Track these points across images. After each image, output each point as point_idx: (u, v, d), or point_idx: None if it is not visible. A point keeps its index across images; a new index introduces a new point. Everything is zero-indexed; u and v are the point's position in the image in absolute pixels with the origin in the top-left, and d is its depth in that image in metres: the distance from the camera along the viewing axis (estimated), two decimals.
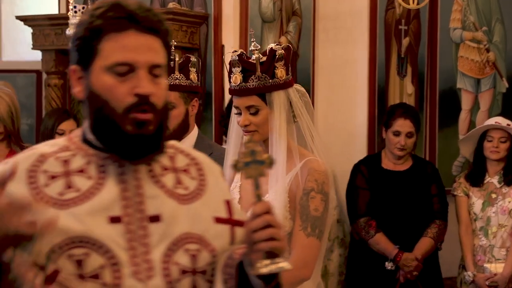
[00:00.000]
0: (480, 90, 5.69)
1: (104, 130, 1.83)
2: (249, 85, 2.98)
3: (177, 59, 3.54)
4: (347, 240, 5.04)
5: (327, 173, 3.02)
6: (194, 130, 3.64)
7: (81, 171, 1.85)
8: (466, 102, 5.65)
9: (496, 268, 4.73)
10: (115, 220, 1.82)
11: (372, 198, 4.80)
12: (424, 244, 4.74)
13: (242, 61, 3.01)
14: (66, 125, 4.77)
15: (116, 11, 1.83)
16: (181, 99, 3.56)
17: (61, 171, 1.84)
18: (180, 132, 3.58)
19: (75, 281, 1.77)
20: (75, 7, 5.18)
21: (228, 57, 3.08)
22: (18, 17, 5.70)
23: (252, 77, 2.98)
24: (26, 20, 5.63)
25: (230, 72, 3.04)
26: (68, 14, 5.22)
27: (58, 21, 5.43)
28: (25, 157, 1.86)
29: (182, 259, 1.85)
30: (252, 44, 3.05)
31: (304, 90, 3.15)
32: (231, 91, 3.05)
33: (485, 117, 5.59)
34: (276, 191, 2.95)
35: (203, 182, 1.97)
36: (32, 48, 5.67)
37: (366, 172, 4.86)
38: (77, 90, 1.87)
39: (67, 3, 5.53)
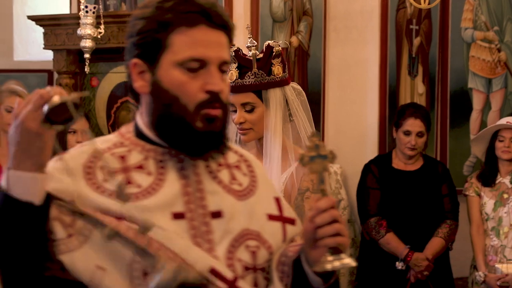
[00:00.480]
0: (492, 90, 5.67)
1: (170, 126, 1.79)
2: (245, 82, 2.92)
3: None
4: (357, 240, 5.03)
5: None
6: None
7: (139, 167, 1.81)
8: (477, 102, 5.64)
9: (508, 268, 4.71)
10: (178, 216, 1.79)
11: (382, 198, 4.79)
12: (435, 244, 4.73)
13: (238, 57, 2.95)
14: (77, 124, 4.77)
15: (187, 5, 1.78)
16: None
17: (118, 167, 1.80)
18: None
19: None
20: (86, 6, 5.19)
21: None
22: (29, 17, 5.72)
23: (249, 73, 2.92)
24: (37, 20, 5.65)
25: None
26: (79, 14, 5.23)
27: (70, 21, 5.45)
28: (78, 153, 1.82)
29: (244, 255, 1.83)
30: (249, 40, 3.00)
31: (301, 89, 3.10)
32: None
33: (496, 117, 5.58)
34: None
35: (254, 178, 1.95)
36: (44, 48, 5.69)
37: (377, 172, 4.86)
38: (140, 84, 1.81)
39: (78, 3, 5.54)
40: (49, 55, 5.80)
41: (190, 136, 1.78)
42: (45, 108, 1.62)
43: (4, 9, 6.57)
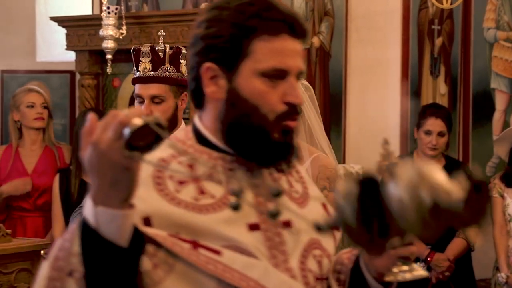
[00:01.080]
0: None
1: (246, 135, 1.70)
2: None
3: (167, 50, 3.41)
4: None
5: (337, 170, 2.93)
6: (181, 126, 3.46)
7: (209, 176, 1.72)
8: (500, 102, 5.60)
9: None
10: (254, 227, 1.71)
11: None
12: (456, 244, 4.71)
13: None
14: None
15: (273, 13, 1.70)
16: (171, 93, 3.39)
17: (188, 177, 1.71)
18: (169, 128, 3.39)
19: None
20: (108, 7, 5.22)
21: None
22: (52, 18, 5.76)
23: None
24: (60, 21, 5.69)
25: None
26: (101, 15, 5.26)
27: (92, 22, 5.48)
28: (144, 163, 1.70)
29: (313, 266, 1.77)
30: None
31: (308, 84, 3.02)
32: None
33: None
34: None
35: (305, 184, 1.89)
36: (66, 49, 5.73)
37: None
38: (212, 90, 1.72)
39: (101, 4, 5.58)
40: (71, 56, 5.84)
41: (266, 146, 1.70)
42: (126, 132, 1.44)
43: (27, 11, 6.61)
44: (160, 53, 3.38)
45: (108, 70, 5.30)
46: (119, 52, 5.29)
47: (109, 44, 5.22)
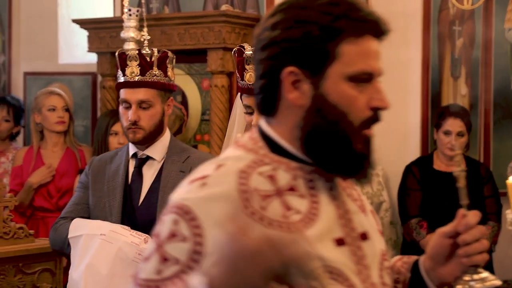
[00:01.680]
0: None
1: (328, 144, 1.59)
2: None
3: (155, 54, 3.33)
4: (399, 242, 5.02)
5: None
6: (167, 132, 3.38)
7: (291, 188, 1.59)
8: None
9: None
10: (340, 242, 1.60)
11: (423, 199, 4.77)
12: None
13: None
14: (119, 126, 4.83)
15: (360, 13, 1.60)
16: (158, 98, 3.29)
17: (271, 190, 1.57)
18: (155, 134, 3.31)
19: None
20: (129, 10, 5.25)
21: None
22: (74, 21, 5.80)
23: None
24: (82, 23, 5.73)
25: (242, 69, 2.85)
26: (123, 17, 5.30)
27: (113, 24, 5.52)
28: (221, 175, 1.57)
29: (387, 279, 1.70)
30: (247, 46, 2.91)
31: None
32: (244, 90, 2.89)
33: None
34: None
35: (357, 191, 1.79)
36: (88, 51, 5.76)
37: (418, 173, 4.85)
38: (295, 96, 1.59)
39: (122, 6, 5.61)
40: (93, 58, 5.88)
41: (349, 157, 1.60)
42: None
43: (49, 13, 6.66)
44: (147, 57, 3.30)
45: None
46: None
47: (130, 46, 5.25)
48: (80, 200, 3.34)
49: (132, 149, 3.34)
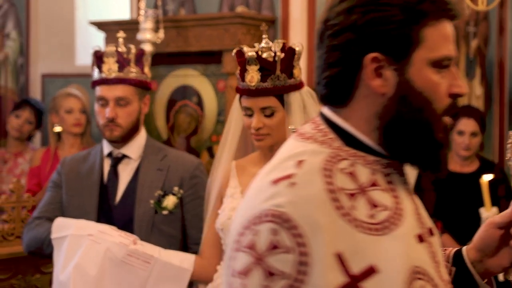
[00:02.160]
0: None
1: (411, 134, 1.51)
2: (267, 85, 2.76)
3: (133, 51, 3.27)
4: None
5: None
6: (142, 130, 3.34)
7: (373, 184, 1.50)
8: None
9: None
10: (420, 239, 1.52)
11: (438, 200, 4.78)
12: None
13: (261, 59, 2.77)
14: None
15: None
16: (136, 95, 3.24)
17: (355, 188, 1.47)
18: (132, 132, 3.27)
19: None
20: (146, 12, 5.29)
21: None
22: (91, 23, 5.85)
23: (272, 76, 2.76)
24: (99, 25, 5.77)
25: (243, 70, 2.79)
26: (139, 19, 5.34)
27: (130, 25, 5.55)
28: (308, 174, 1.45)
29: (446, 274, 1.62)
30: (264, 41, 2.85)
31: (312, 91, 2.91)
32: (245, 91, 2.80)
33: None
34: None
35: None
36: None
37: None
38: (378, 83, 1.49)
39: (138, 8, 5.65)
40: None
41: (429, 147, 1.52)
42: None
43: (67, 15, 6.71)
44: (123, 54, 3.25)
45: None
46: (156, 55, 5.36)
47: (146, 48, 5.29)
48: (54, 199, 3.29)
49: (107, 148, 3.29)
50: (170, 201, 3.17)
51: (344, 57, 1.50)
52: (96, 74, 3.25)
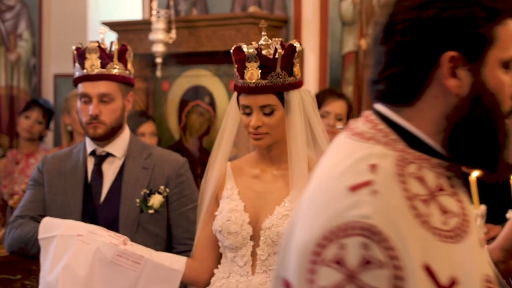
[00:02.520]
0: None
1: (478, 136, 1.46)
2: (267, 82, 2.69)
3: (115, 46, 3.19)
4: None
5: None
6: (126, 128, 3.25)
7: (440, 188, 1.44)
8: None
9: None
10: (482, 243, 1.49)
11: None
12: None
13: (261, 55, 2.71)
14: (145, 127, 4.88)
15: None
16: (119, 92, 3.16)
17: (426, 193, 1.42)
18: (116, 129, 3.18)
19: None
20: (158, 12, 5.29)
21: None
22: (103, 23, 5.85)
23: (272, 73, 2.69)
24: (111, 25, 5.77)
25: (242, 68, 2.73)
26: (151, 19, 5.33)
27: (142, 26, 5.56)
28: (385, 180, 1.38)
29: None
30: (263, 38, 2.79)
31: (309, 89, 2.87)
32: (244, 89, 2.73)
33: None
34: (299, 198, 2.69)
35: None
36: None
37: None
38: (454, 83, 1.43)
39: (150, 8, 5.65)
40: None
41: (493, 149, 1.47)
42: None
43: (79, 15, 6.72)
44: (106, 50, 3.17)
45: (158, 73, 5.37)
46: (168, 55, 5.35)
47: (158, 48, 5.29)
48: (36, 197, 3.19)
49: (90, 146, 3.20)
50: (156, 200, 3.10)
51: (415, 54, 1.43)
52: (78, 71, 3.15)
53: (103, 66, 3.12)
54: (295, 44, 2.74)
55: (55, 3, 6.76)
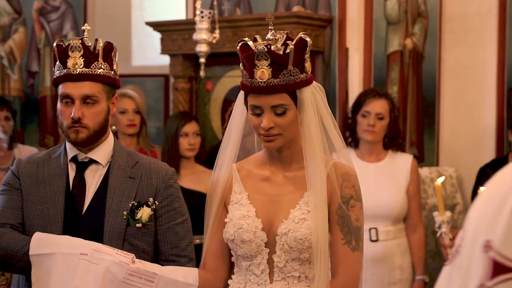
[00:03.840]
0: None
1: None
2: (279, 81, 2.53)
3: (100, 44, 2.93)
4: None
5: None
6: (110, 134, 3.01)
7: None
8: None
9: None
10: None
11: None
12: None
13: (271, 52, 2.54)
14: (189, 127, 4.87)
15: None
16: (104, 93, 2.90)
17: None
18: (100, 134, 2.93)
19: None
20: (201, 12, 5.29)
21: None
22: (147, 23, 5.87)
23: (284, 71, 2.53)
24: (155, 26, 5.79)
25: (252, 66, 2.58)
26: (195, 19, 5.33)
27: (185, 26, 5.56)
28: None
29: None
30: (271, 33, 2.64)
31: (320, 85, 2.70)
32: (255, 89, 2.57)
33: None
34: (317, 200, 2.59)
35: None
36: (161, 53, 5.82)
37: (492, 175, 4.74)
38: None
39: (194, 8, 5.65)
40: (165, 60, 5.94)
41: None
42: None
43: (123, 16, 6.76)
44: (90, 48, 2.92)
45: (202, 73, 5.37)
46: (212, 55, 5.35)
47: (202, 48, 5.29)
48: (15, 204, 2.90)
49: (71, 152, 2.94)
50: (144, 213, 2.86)
51: None
52: (59, 70, 2.91)
53: (86, 65, 2.87)
54: (306, 39, 2.59)
55: (99, 3, 6.81)
